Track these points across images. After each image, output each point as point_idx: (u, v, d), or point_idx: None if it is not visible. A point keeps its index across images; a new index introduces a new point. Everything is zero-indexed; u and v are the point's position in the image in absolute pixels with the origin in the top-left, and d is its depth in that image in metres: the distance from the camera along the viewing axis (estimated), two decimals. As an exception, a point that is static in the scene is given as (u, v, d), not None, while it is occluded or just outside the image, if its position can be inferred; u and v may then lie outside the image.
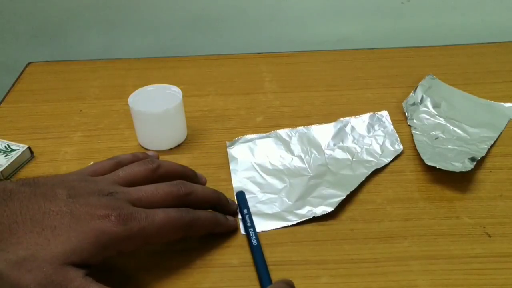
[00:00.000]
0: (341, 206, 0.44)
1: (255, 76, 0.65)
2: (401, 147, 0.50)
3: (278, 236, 0.41)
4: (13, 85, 0.65)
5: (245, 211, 0.43)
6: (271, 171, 0.48)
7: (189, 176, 0.42)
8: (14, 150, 0.50)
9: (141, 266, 0.39)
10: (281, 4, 0.73)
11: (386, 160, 0.49)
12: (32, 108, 0.60)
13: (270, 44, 0.76)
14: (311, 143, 0.51)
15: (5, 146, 0.50)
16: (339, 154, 0.50)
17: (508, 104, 0.56)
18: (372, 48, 0.71)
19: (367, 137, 0.52)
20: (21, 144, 0.51)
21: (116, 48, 0.77)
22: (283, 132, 0.52)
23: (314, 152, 0.50)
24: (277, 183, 0.47)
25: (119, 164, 0.40)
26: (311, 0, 0.73)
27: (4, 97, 0.62)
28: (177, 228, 0.36)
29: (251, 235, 0.40)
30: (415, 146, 0.49)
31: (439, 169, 0.45)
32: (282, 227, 0.42)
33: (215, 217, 0.40)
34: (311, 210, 0.43)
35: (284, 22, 0.76)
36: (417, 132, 0.52)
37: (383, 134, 0.52)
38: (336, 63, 0.67)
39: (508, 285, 0.36)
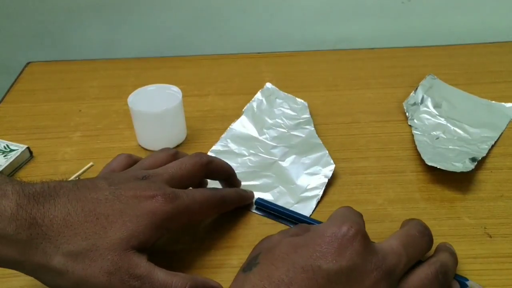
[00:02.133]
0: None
1: (255, 76, 0.65)
2: (302, 100, 0.56)
3: (278, 236, 0.41)
4: (12, 85, 0.65)
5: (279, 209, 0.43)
6: (248, 177, 0.48)
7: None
8: (13, 150, 0.50)
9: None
10: (281, 4, 0.73)
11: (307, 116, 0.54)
12: (31, 108, 0.60)
13: (270, 44, 0.76)
14: (245, 138, 0.52)
15: (4, 146, 0.50)
16: (275, 132, 0.53)
17: (508, 104, 0.56)
18: (372, 48, 0.71)
19: (276, 109, 0.56)
20: (20, 144, 0.51)
21: (116, 48, 0.77)
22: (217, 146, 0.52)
23: (254, 143, 0.52)
24: (266, 181, 0.47)
25: (131, 157, 0.41)
26: (311, 0, 0.73)
27: (4, 97, 0.62)
28: (214, 204, 0.38)
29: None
30: (415, 146, 0.49)
31: (439, 169, 0.45)
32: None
33: (238, 192, 0.43)
34: (322, 176, 0.46)
35: (284, 22, 0.75)
36: (417, 132, 0.52)
37: (281, 101, 0.57)
38: (336, 63, 0.67)
39: (509, 286, 0.36)
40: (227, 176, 0.43)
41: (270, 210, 0.43)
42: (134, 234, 0.32)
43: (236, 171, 0.48)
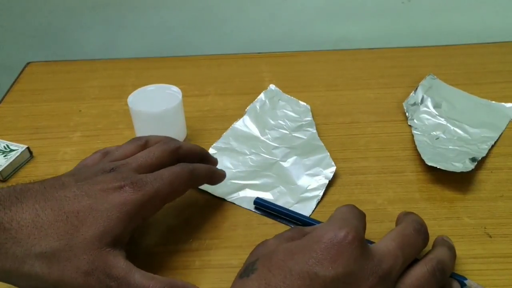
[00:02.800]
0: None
1: (255, 76, 0.65)
2: (304, 103, 0.56)
3: (278, 236, 0.41)
4: (12, 85, 0.65)
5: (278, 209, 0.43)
6: (248, 176, 0.48)
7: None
8: (13, 150, 0.50)
9: (141, 267, 0.38)
10: (281, 4, 0.73)
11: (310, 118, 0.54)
12: (31, 108, 0.60)
13: (270, 44, 0.76)
14: (247, 138, 0.52)
15: (4, 146, 0.50)
16: (277, 133, 0.53)
17: (508, 104, 0.56)
18: (372, 48, 0.70)
19: (279, 111, 0.56)
20: (20, 144, 0.51)
21: (115, 48, 0.77)
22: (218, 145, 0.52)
23: (256, 143, 0.52)
24: (267, 181, 0.47)
25: (106, 153, 0.40)
26: (311, 0, 0.73)
27: (3, 97, 0.62)
28: (184, 180, 0.37)
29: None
30: (415, 146, 0.49)
31: (439, 169, 0.45)
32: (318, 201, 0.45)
33: (209, 167, 0.42)
34: (322, 177, 0.46)
35: (284, 22, 0.75)
36: (417, 132, 0.52)
37: (284, 103, 0.57)
38: (336, 63, 0.67)
39: (509, 286, 0.36)
40: (200, 158, 0.43)
41: (270, 210, 0.43)
42: (107, 230, 0.31)
43: (237, 170, 0.48)
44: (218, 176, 0.43)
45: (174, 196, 0.38)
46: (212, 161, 0.44)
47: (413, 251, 0.32)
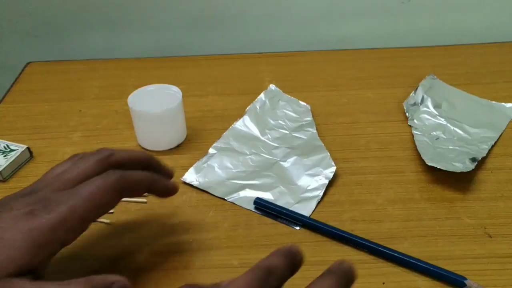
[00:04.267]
0: (341, 206, 0.44)
1: (255, 76, 0.65)
2: (305, 103, 0.57)
3: (278, 237, 0.41)
4: (12, 85, 0.65)
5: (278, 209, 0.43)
6: (249, 176, 0.48)
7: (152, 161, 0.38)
8: (13, 150, 0.50)
9: (141, 267, 0.39)
10: (281, 4, 0.73)
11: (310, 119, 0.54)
12: (31, 108, 0.60)
13: (270, 44, 0.76)
14: (247, 138, 0.52)
15: (4, 146, 0.50)
16: (277, 133, 0.53)
17: (509, 104, 0.56)
18: (372, 48, 0.70)
19: (279, 111, 0.56)
20: (20, 144, 0.51)
21: (115, 48, 0.77)
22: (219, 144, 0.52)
23: (256, 143, 0.52)
24: (267, 181, 0.47)
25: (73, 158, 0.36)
26: (311, 0, 0.73)
27: (3, 97, 0.62)
28: (109, 191, 0.32)
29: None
30: (415, 146, 0.49)
31: (440, 169, 0.45)
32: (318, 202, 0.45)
33: (149, 174, 0.36)
34: (322, 177, 0.46)
35: (284, 22, 0.75)
36: (417, 133, 0.52)
37: (284, 103, 0.57)
38: (336, 63, 0.67)
39: (509, 286, 0.36)
40: (145, 166, 0.37)
41: (270, 210, 0.43)
42: (11, 260, 0.28)
43: (237, 170, 0.48)
44: (163, 187, 0.37)
45: (98, 211, 0.33)
46: (165, 171, 0.39)
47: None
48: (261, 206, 0.44)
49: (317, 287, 0.27)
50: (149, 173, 0.36)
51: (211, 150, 0.51)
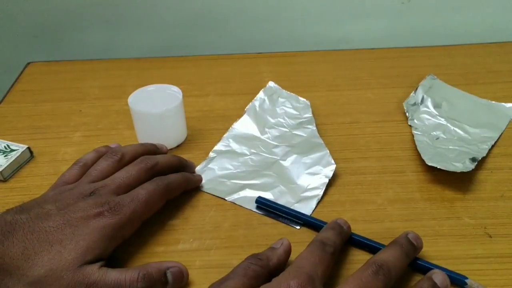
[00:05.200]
0: (341, 206, 0.44)
1: (255, 76, 0.65)
2: (304, 99, 0.57)
3: (279, 236, 0.41)
4: (13, 85, 0.65)
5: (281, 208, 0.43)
6: (249, 176, 0.48)
7: (151, 150, 0.46)
8: (14, 150, 0.50)
9: (141, 267, 0.39)
10: (281, 4, 0.73)
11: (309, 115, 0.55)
12: (31, 108, 0.60)
13: (270, 44, 0.76)
14: (247, 138, 0.52)
15: (4, 146, 0.50)
16: (276, 131, 0.53)
17: (508, 104, 0.56)
18: (372, 48, 0.71)
19: (279, 108, 0.56)
20: (20, 144, 0.51)
21: (116, 48, 0.77)
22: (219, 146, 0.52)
23: (256, 142, 0.52)
24: (267, 181, 0.47)
25: (85, 166, 0.43)
26: (311, 0, 0.73)
27: (4, 97, 0.62)
28: (159, 196, 0.40)
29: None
30: (415, 146, 0.49)
31: (440, 169, 0.45)
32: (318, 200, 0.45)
33: (184, 175, 0.45)
34: (322, 176, 0.46)
35: (284, 22, 0.75)
36: (417, 133, 0.52)
37: (284, 100, 0.57)
38: (336, 63, 0.67)
39: (509, 286, 0.36)
40: (178, 169, 0.45)
41: (272, 209, 0.43)
42: (88, 250, 0.34)
43: (237, 170, 0.48)
44: (194, 183, 0.46)
45: (150, 213, 0.40)
46: (189, 166, 0.48)
47: None
48: (263, 205, 0.44)
49: (383, 255, 0.34)
50: (184, 176, 0.44)
51: (211, 154, 0.51)
